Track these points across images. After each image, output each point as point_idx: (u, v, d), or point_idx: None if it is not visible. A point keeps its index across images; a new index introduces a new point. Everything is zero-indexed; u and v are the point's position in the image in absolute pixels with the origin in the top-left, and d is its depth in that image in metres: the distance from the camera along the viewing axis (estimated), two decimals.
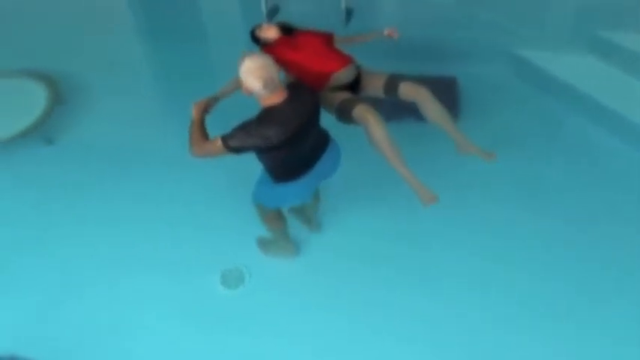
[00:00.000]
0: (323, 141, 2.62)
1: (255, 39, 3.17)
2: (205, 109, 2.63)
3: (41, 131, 3.79)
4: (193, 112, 2.58)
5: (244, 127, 2.32)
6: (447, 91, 3.98)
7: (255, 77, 2.25)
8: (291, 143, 2.36)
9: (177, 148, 2.95)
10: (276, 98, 2.32)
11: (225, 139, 2.34)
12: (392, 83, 2.98)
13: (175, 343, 2.79)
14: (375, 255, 3.08)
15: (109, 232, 3.28)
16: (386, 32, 3.19)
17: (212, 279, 3.03)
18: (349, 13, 4.63)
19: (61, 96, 3.98)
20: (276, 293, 2.97)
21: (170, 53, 4.68)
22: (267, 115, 2.32)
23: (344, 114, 2.84)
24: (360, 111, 2.73)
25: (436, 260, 3.06)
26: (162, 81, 4.59)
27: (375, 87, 3.04)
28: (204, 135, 2.51)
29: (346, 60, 2.98)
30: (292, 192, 2.65)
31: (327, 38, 3.12)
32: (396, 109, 3.74)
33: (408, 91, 2.96)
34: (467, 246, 3.10)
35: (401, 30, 3.16)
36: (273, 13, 4.76)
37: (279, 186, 2.61)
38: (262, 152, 2.42)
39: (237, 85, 2.45)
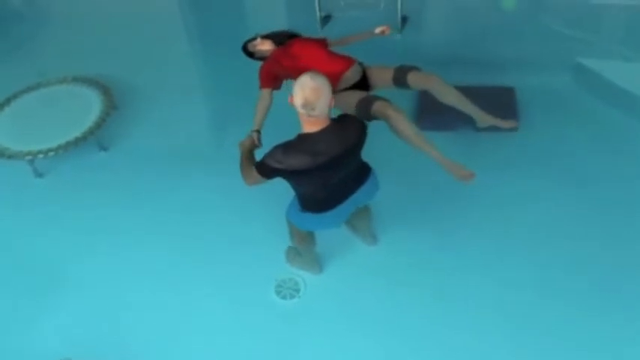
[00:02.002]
0: (361, 174, 2.55)
1: (249, 54, 3.21)
2: (252, 146, 2.73)
3: (96, 137, 3.81)
4: (241, 150, 2.66)
5: (271, 153, 2.30)
6: (504, 102, 3.84)
7: (302, 94, 2.17)
8: (319, 175, 2.30)
9: (230, 156, 2.92)
10: (314, 127, 2.25)
11: (256, 166, 2.36)
12: (401, 75, 2.96)
13: (230, 355, 2.74)
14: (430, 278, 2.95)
15: (160, 239, 3.26)
16: (377, 30, 3.18)
17: (266, 289, 2.98)
18: (404, 21, 4.53)
19: (114, 102, 4.00)
20: (332, 303, 2.90)
21: (221, 59, 4.66)
22: (297, 143, 2.27)
23: (363, 113, 2.82)
24: (379, 107, 2.70)
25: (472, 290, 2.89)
26: (214, 86, 4.59)
27: (384, 81, 3.03)
28: (252, 162, 2.56)
29: (349, 60, 3.01)
30: (320, 221, 2.61)
31: (322, 42, 3.14)
32: (450, 119, 3.63)
33: (417, 79, 2.94)
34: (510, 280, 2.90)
35: (457, 38, 3.06)
36: (326, 20, 4.70)
37: (307, 214, 2.57)
38: (288, 180, 2.39)
39: (265, 109, 2.65)
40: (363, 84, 3.08)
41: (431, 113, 3.74)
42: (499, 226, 3.12)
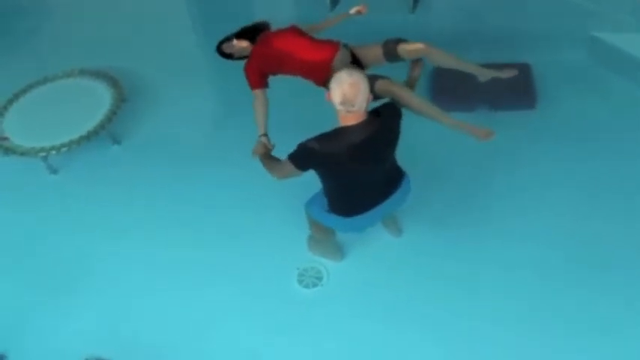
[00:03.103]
0: (395, 178, 2.52)
1: (227, 55, 3.15)
2: (265, 149, 2.74)
3: (108, 131, 3.77)
4: (257, 157, 2.69)
5: (305, 143, 2.26)
6: (521, 79, 3.77)
7: (340, 90, 2.14)
8: (352, 168, 2.27)
9: (241, 148, 2.88)
10: (352, 120, 2.21)
11: (290, 156, 2.32)
12: (390, 48, 2.90)
13: (254, 347, 2.74)
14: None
15: (178, 233, 3.23)
16: (353, 11, 3.12)
17: (289, 279, 2.97)
18: (417, 0, 4.44)
19: (124, 94, 3.95)
20: (355, 292, 2.89)
21: None
22: (333, 134, 2.24)
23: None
24: (382, 85, 2.65)
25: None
26: (224, 74, 4.48)
27: (375, 57, 2.96)
28: (276, 160, 2.56)
29: (334, 44, 2.96)
30: (345, 224, 2.58)
31: (298, 31, 3.07)
32: (464, 99, 3.57)
33: (408, 50, 2.87)
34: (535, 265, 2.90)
35: (470, 16, 2.99)
36: (335, 1, 4.60)
37: (332, 215, 2.54)
38: (322, 169, 2.35)
39: (265, 110, 2.77)
40: (355, 65, 3.00)
41: (445, 94, 3.69)
42: (521, 213, 3.10)
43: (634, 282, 2.76)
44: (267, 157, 2.68)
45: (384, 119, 2.29)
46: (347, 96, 2.13)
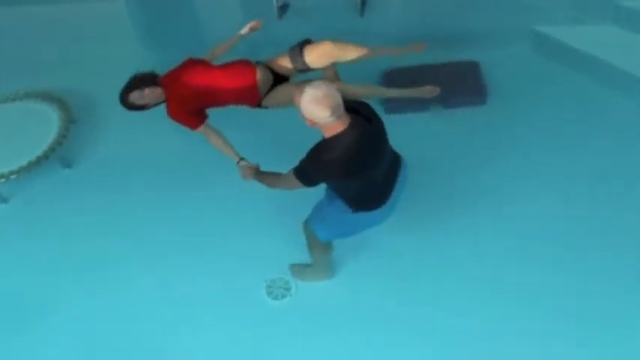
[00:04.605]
0: (397, 161, 2.49)
1: (139, 107, 2.95)
2: (253, 170, 2.72)
3: (58, 155, 3.64)
4: (252, 179, 2.67)
5: (312, 159, 2.22)
6: (470, 76, 3.87)
7: (324, 106, 2.08)
8: (366, 169, 2.25)
9: (198, 160, 2.83)
10: (340, 125, 2.17)
11: (296, 172, 2.28)
12: (295, 53, 2.89)
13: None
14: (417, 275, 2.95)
15: (138, 253, 3.17)
16: (245, 30, 3.05)
17: (257, 291, 2.94)
18: (364, 3, 4.47)
19: (72, 116, 3.83)
20: (324, 301, 2.88)
21: (175, 58, 4.52)
22: (333, 144, 2.18)
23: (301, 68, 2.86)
24: None
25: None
26: None
27: (286, 67, 2.94)
28: (275, 174, 2.52)
29: (248, 63, 2.90)
30: (375, 217, 2.52)
31: (201, 62, 2.97)
32: (421, 98, 3.62)
33: (312, 53, 2.86)
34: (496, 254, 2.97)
35: (417, 17, 3.04)
36: (283, 10, 4.59)
37: (357, 215, 2.47)
38: (338, 182, 2.32)
39: (223, 140, 2.77)
40: (278, 79, 3.00)
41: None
42: (484, 211, 3.16)
43: (592, 268, 2.86)
44: (262, 175, 2.65)
45: (365, 112, 2.27)
46: (331, 104, 2.09)
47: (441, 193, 3.22)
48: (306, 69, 2.96)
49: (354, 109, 2.25)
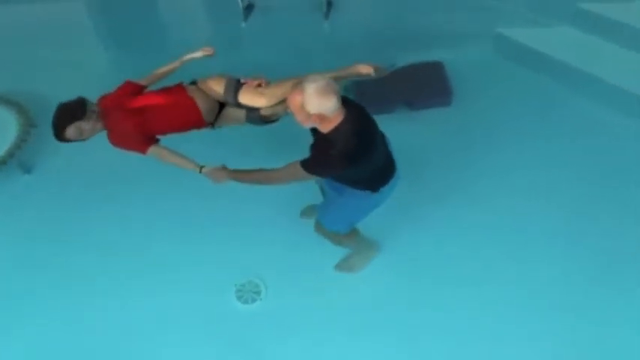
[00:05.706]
0: (386, 141, 2.49)
1: (74, 140, 2.61)
2: (224, 172, 2.56)
3: (17, 160, 3.53)
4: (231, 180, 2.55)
5: (320, 159, 2.21)
6: (435, 76, 3.91)
7: (331, 94, 2.06)
8: (371, 151, 2.25)
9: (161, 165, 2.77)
10: (338, 117, 2.15)
11: (306, 165, 2.23)
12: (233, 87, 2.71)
13: None
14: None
15: (101, 259, 3.11)
16: (198, 54, 2.82)
17: (227, 295, 2.92)
18: (329, 5, 4.47)
19: (32, 120, 3.71)
20: (294, 302, 2.87)
21: (139, 61, 4.40)
22: (336, 138, 2.16)
23: (255, 118, 2.71)
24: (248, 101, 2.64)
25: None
26: None
27: (219, 94, 2.73)
28: (262, 170, 2.41)
29: (182, 89, 2.71)
30: (378, 199, 2.51)
31: (140, 87, 2.74)
32: (384, 101, 3.64)
33: (245, 100, 2.68)
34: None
35: (381, 19, 3.04)
36: (249, 10, 4.55)
37: (373, 196, 2.47)
38: (350, 171, 2.27)
39: (178, 155, 2.56)
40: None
41: (366, 98, 3.75)
42: (453, 207, 3.22)
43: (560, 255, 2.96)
44: (239, 174, 2.52)
45: (352, 100, 2.28)
46: (335, 90, 2.08)
47: (413, 194, 3.21)
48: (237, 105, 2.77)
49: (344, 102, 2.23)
